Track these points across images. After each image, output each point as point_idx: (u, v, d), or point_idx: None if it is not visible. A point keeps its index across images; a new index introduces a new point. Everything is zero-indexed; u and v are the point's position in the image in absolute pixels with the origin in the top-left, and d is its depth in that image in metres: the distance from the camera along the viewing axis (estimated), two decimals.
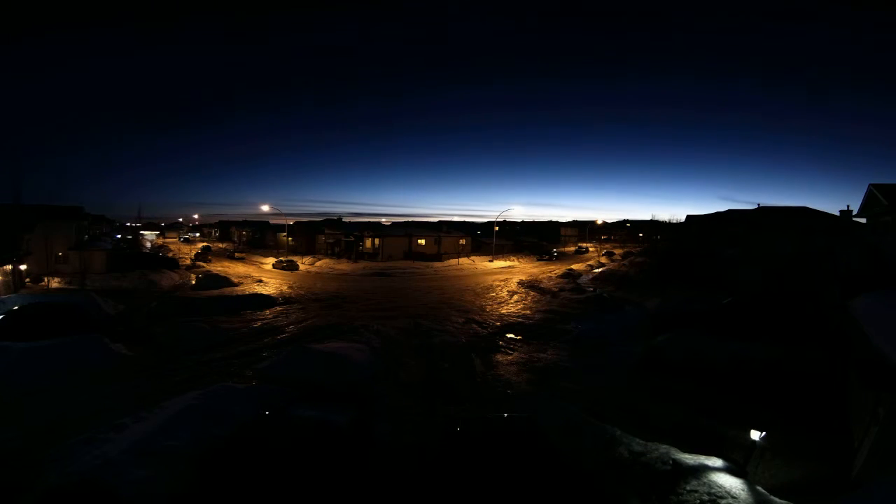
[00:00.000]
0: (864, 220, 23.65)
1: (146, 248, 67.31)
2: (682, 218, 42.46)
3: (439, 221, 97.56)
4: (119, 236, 66.50)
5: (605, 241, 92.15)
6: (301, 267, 48.25)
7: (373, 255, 58.14)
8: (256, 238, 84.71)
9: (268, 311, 24.17)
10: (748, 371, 13.49)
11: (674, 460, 8.57)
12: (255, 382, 12.94)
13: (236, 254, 64.42)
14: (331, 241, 67.53)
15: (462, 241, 65.99)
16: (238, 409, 10.31)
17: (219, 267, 47.17)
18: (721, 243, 27.21)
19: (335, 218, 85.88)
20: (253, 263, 54.19)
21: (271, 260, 54.72)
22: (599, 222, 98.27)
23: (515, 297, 29.36)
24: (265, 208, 60.05)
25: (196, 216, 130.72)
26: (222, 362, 15.13)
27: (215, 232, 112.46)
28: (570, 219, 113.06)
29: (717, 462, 8.56)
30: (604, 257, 58.46)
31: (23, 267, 29.24)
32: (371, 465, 8.44)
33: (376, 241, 59.22)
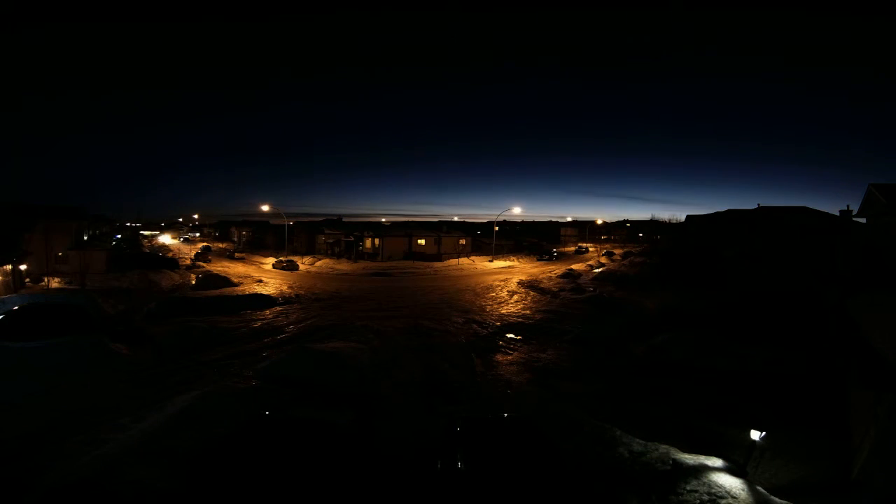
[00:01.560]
0: (863, 220, 23.63)
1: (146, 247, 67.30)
2: (682, 218, 42.47)
3: (439, 221, 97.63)
4: (119, 236, 66.47)
5: (605, 241, 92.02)
6: (301, 267, 48.21)
7: (373, 255, 58.12)
8: (256, 238, 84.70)
9: (268, 311, 24.17)
10: (748, 371, 13.53)
11: (674, 460, 8.58)
12: (255, 382, 12.92)
13: (236, 254, 64.38)
14: (331, 241, 67.46)
15: (462, 242, 65.93)
16: (238, 409, 10.32)
17: (219, 267, 47.10)
18: (721, 243, 27.20)
19: (335, 218, 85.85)
20: (253, 263, 54.16)
21: (271, 260, 54.67)
22: (599, 222, 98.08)
23: (515, 297, 29.34)
24: (265, 208, 59.99)
25: (196, 216, 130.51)
26: (222, 362, 15.11)
27: (215, 232, 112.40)
28: (569, 219, 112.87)
29: (717, 462, 8.57)
30: (604, 257, 58.34)
31: (23, 267, 29.21)
32: (371, 466, 8.44)
33: (376, 241, 59.20)
